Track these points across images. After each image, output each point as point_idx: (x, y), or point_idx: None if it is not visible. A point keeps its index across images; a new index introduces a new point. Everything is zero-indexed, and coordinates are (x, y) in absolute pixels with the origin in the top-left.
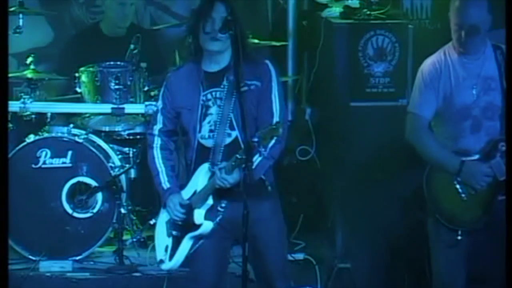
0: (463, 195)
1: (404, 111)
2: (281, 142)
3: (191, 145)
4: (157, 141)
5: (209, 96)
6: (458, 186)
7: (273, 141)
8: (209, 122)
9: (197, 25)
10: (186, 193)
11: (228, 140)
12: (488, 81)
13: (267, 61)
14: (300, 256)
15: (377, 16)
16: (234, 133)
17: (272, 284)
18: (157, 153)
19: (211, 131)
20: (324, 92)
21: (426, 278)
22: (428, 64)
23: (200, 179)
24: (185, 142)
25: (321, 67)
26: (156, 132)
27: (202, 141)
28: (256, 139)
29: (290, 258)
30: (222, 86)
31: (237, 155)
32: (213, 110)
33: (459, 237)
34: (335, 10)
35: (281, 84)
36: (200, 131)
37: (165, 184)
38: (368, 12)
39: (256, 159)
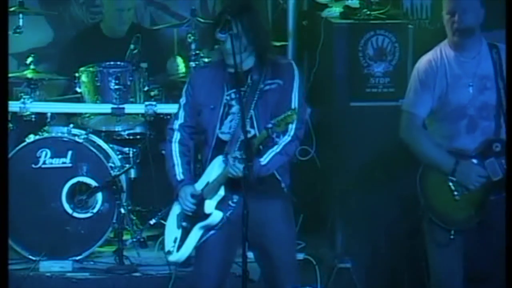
0: (456, 195)
1: None
2: (296, 140)
3: (208, 143)
4: (176, 136)
5: (232, 95)
6: (451, 186)
7: (288, 138)
8: (231, 121)
9: (214, 30)
10: (199, 185)
11: None
12: (484, 81)
13: (292, 61)
14: (300, 256)
15: (377, 16)
16: (253, 131)
17: (280, 286)
18: (175, 147)
19: (231, 127)
20: (324, 92)
21: (426, 278)
22: (423, 62)
23: (213, 171)
24: (202, 141)
25: (321, 67)
26: (176, 126)
27: (221, 136)
28: (270, 125)
29: None
30: (246, 86)
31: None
32: (235, 109)
33: (451, 237)
34: (335, 10)
35: (303, 85)
36: (220, 128)
37: (179, 176)
38: (368, 12)
39: (270, 153)
